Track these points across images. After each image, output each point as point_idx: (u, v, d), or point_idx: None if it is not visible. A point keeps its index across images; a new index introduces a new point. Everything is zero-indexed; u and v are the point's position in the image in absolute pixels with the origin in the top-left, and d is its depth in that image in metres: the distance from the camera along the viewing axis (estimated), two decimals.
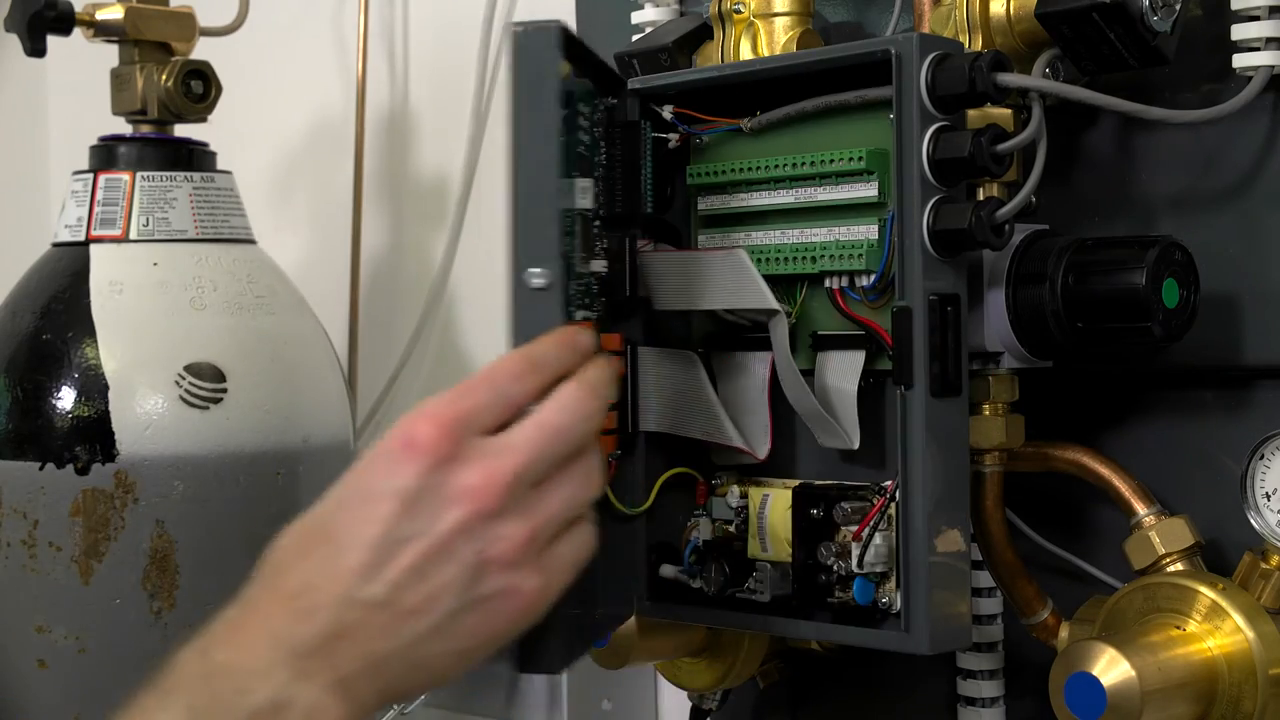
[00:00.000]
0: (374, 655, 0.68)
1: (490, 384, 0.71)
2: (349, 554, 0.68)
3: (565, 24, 0.77)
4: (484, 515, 0.68)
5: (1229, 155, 0.89)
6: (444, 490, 0.68)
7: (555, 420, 0.71)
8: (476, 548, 0.68)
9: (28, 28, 1.22)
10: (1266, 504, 0.84)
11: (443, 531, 0.68)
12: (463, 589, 0.68)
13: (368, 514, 0.68)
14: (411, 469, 0.68)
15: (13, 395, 1.14)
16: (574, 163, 0.83)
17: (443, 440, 0.68)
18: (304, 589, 0.68)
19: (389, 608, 0.68)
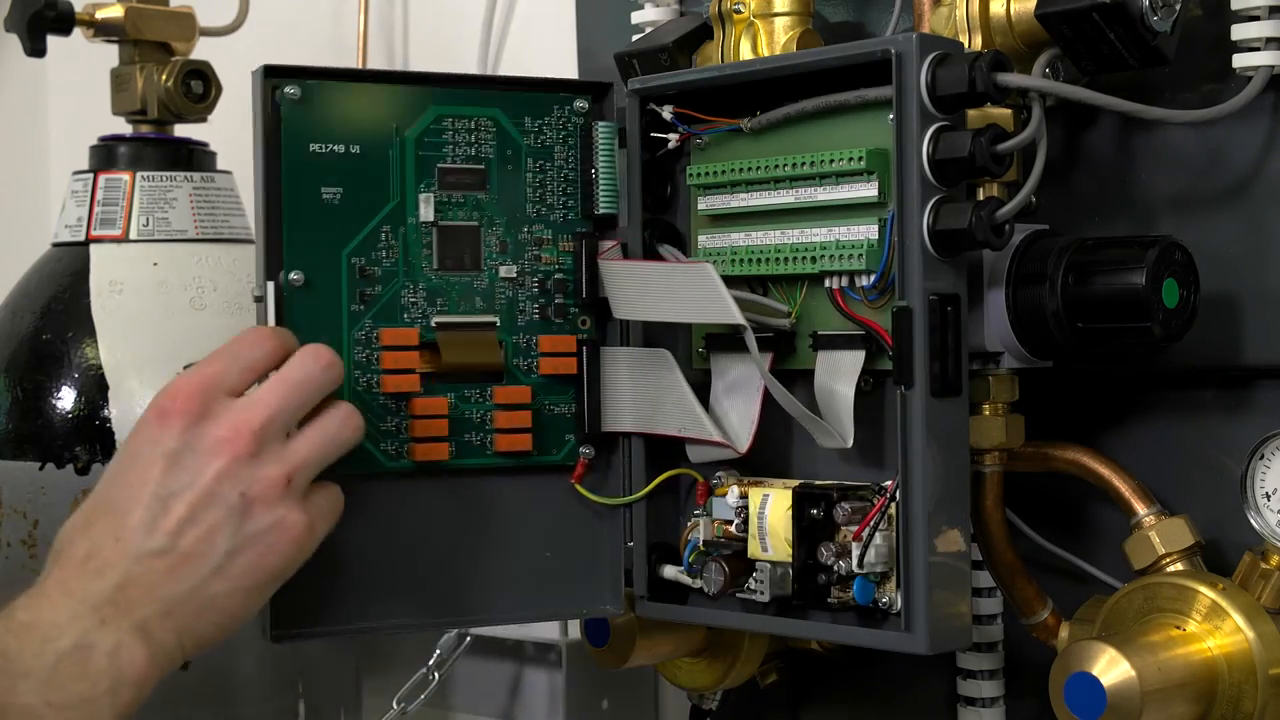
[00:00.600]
0: (166, 599, 0.76)
1: (230, 352, 0.81)
2: (128, 515, 0.77)
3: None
4: (240, 460, 0.78)
5: (1229, 155, 0.89)
6: (201, 444, 0.78)
7: (295, 375, 0.81)
8: (240, 489, 0.78)
9: (28, 28, 1.22)
10: (1266, 504, 0.84)
11: (207, 480, 0.78)
12: (234, 529, 0.78)
13: (138, 477, 0.78)
14: (169, 432, 0.78)
15: (13, 395, 1.14)
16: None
17: (192, 402, 0.79)
18: (92, 552, 0.76)
19: (170, 554, 0.77)
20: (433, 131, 0.93)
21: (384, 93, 0.93)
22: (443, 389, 0.92)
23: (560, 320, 0.94)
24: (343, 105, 0.92)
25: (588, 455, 0.94)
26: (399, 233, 0.92)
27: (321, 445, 0.82)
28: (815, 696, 1.09)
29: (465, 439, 0.93)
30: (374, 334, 0.91)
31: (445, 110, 0.93)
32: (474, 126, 0.94)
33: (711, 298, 0.86)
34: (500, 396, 0.93)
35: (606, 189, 0.94)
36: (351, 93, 0.92)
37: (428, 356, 0.92)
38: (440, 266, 0.93)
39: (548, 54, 1.33)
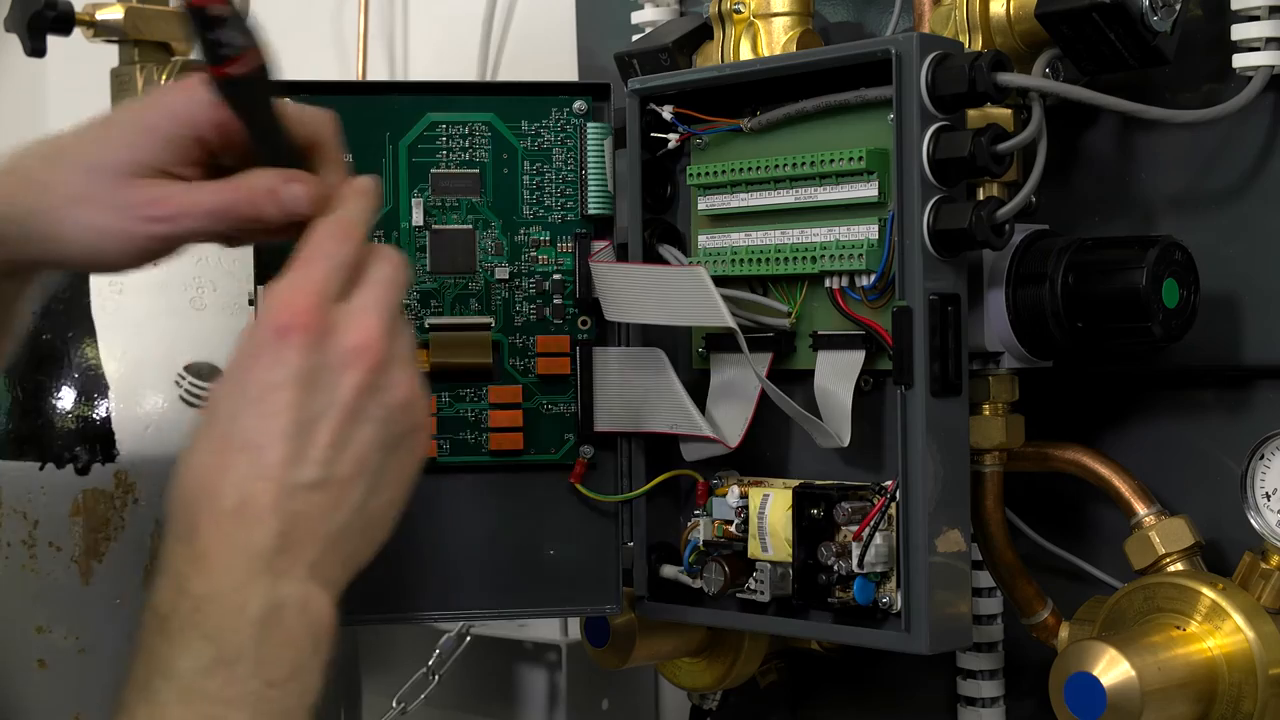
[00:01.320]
0: (331, 533, 0.70)
1: (323, 253, 0.73)
2: (270, 450, 0.69)
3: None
4: (376, 368, 0.71)
5: (1229, 155, 0.89)
6: (333, 359, 0.70)
7: (387, 274, 0.74)
8: (380, 399, 0.71)
9: (28, 28, 1.22)
10: (1266, 504, 0.84)
11: (348, 396, 0.70)
12: (382, 442, 0.71)
13: (271, 406, 0.69)
14: (294, 352, 0.70)
15: (13, 395, 1.14)
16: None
17: (314, 314, 0.71)
18: (243, 500, 0.69)
19: (327, 485, 0.70)
20: (426, 138, 0.94)
21: (376, 103, 0.93)
22: (435, 388, 0.93)
23: (559, 321, 0.95)
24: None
25: (587, 455, 0.94)
26: (392, 238, 0.93)
27: (410, 341, 0.76)
28: (815, 696, 1.09)
29: (460, 437, 0.94)
30: None
31: (439, 117, 0.94)
32: (468, 132, 0.94)
33: (703, 300, 0.86)
34: (494, 396, 0.94)
35: (598, 190, 0.95)
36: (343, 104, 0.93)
37: (421, 357, 0.92)
38: (434, 269, 0.93)
39: (548, 54, 1.33)
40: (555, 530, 0.95)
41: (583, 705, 1.24)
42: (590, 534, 0.95)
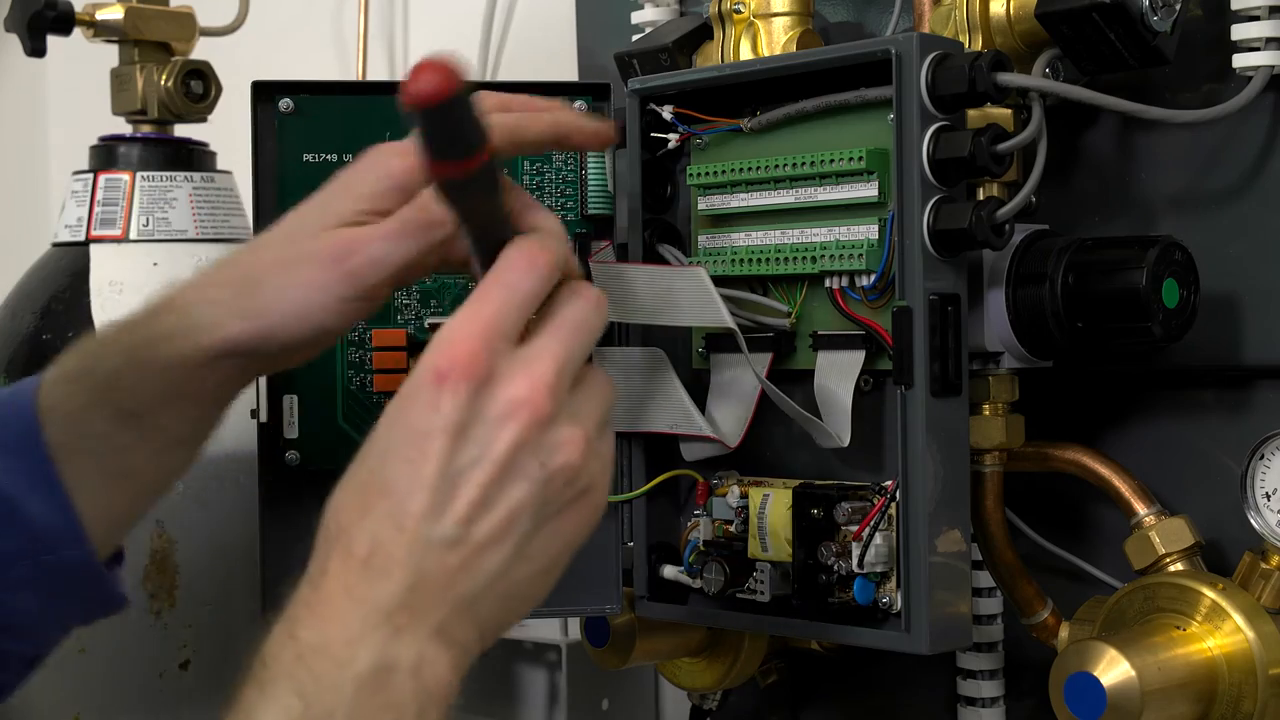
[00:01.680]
0: (462, 596, 0.65)
1: (503, 284, 0.67)
2: (410, 500, 0.64)
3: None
4: (539, 424, 0.65)
5: (1229, 155, 0.89)
6: (492, 409, 0.65)
7: (574, 315, 0.68)
8: (540, 460, 0.65)
9: (28, 28, 1.22)
10: (1266, 504, 0.84)
11: (501, 452, 0.65)
12: (535, 508, 0.66)
13: (419, 454, 0.64)
14: (451, 398, 0.64)
15: None
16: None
17: (476, 359, 0.65)
18: (375, 548, 0.64)
19: (464, 545, 0.65)
20: None
21: (377, 103, 0.93)
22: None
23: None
24: (335, 117, 0.93)
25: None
26: None
27: (603, 397, 0.69)
28: (815, 696, 1.09)
29: None
30: (366, 335, 0.92)
31: None
32: None
33: (703, 301, 0.86)
34: None
35: (597, 189, 0.95)
36: (344, 104, 0.93)
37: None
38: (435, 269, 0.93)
39: (548, 54, 1.33)
40: None
41: (583, 705, 1.24)
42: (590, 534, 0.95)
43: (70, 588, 0.78)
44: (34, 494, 0.76)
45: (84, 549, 0.77)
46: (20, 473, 0.76)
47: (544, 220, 0.71)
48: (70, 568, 0.78)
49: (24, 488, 0.76)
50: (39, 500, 0.76)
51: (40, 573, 0.77)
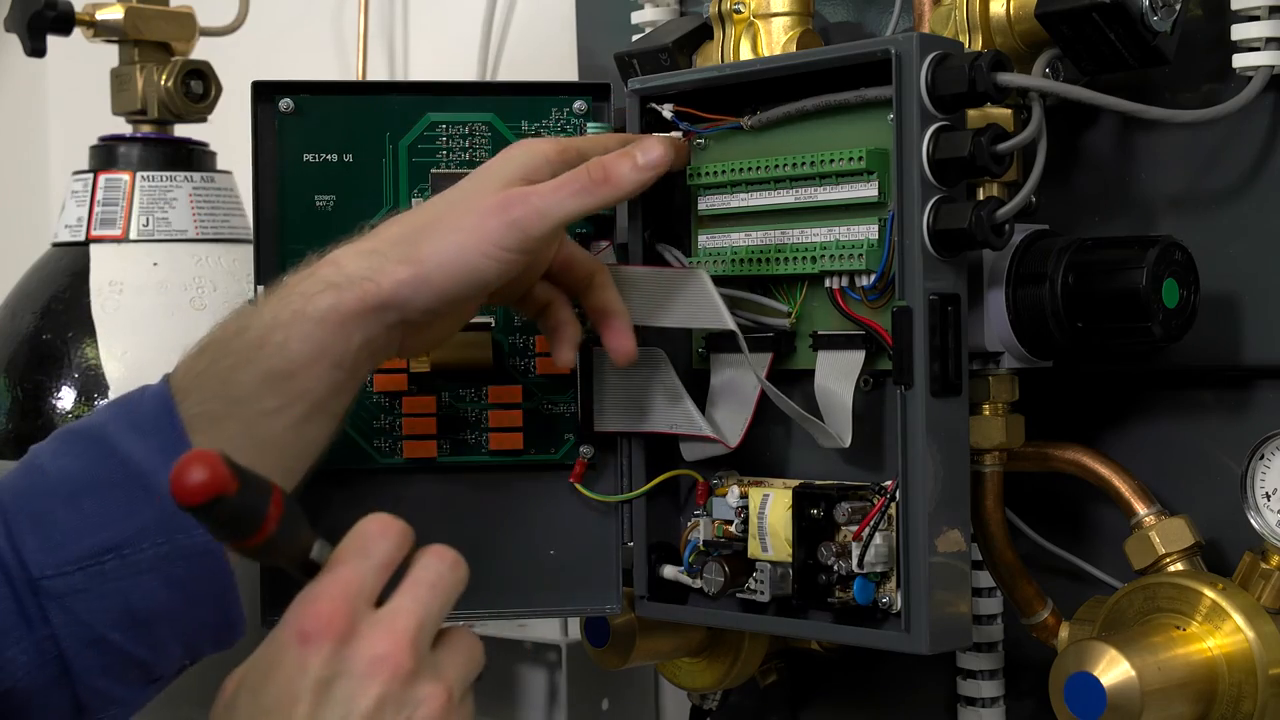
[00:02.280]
0: None
1: (357, 550, 0.69)
2: None
3: None
4: (401, 679, 0.66)
5: (1229, 155, 0.89)
6: (354, 667, 0.66)
7: (428, 577, 0.70)
8: (405, 715, 0.66)
9: (28, 28, 1.22)
10: (1266, 504, 0.84)
11: (366, 708, 0.65)
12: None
13: (284, 715, 0.65)
14: (316, 657, 0.66)
15: (13, 395, 1.14)
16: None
17: (336, 618, 0.66)
18: None
19: None
20: (426, 138, 0.94)
21: (377, 103, 0.94)
22: (435, 388, 0.93)
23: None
24: (335, 116, 0.93)
25: (587, 455, 0.94)
26: None
27: (467, 660, 0.71)
28: (815, 696, 1.09)
29: (460, 437, 0.94)
30: None
31: (439, 116, 0.94)
32: (468, 132, 0.94)
33: (704, 303, 0.86)
34: (494, 396, 0.94)
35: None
36: (344, 104, 0.93)
37: (421, 357, 0.93)
38: None
39: (548, 54, 1.33)
40: (555, 530, 0.95)
41: (583, 705, 1.24)
42: (590, 534, 0.95)
43: (194, 579, 0.78)
44: (169, 467, 0.75)
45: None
46: (154, 449, 0.78)
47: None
48: (200, 554, 0.78)
49: (158, 464, 0.77)
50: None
51: (170, 554, 0.77)
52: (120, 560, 0.77)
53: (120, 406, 0.81)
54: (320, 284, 0.79)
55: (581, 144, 0.86)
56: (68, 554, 0.77)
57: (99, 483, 0.78)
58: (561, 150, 0.84)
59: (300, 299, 0.79)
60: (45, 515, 0.77)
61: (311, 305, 0.79)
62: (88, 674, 0.78)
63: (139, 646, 0.79)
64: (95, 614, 0.77)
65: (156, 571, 0.78)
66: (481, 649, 0.72)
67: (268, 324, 0.79)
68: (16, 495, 0.78)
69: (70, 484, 0.78)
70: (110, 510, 0.77)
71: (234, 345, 0.80)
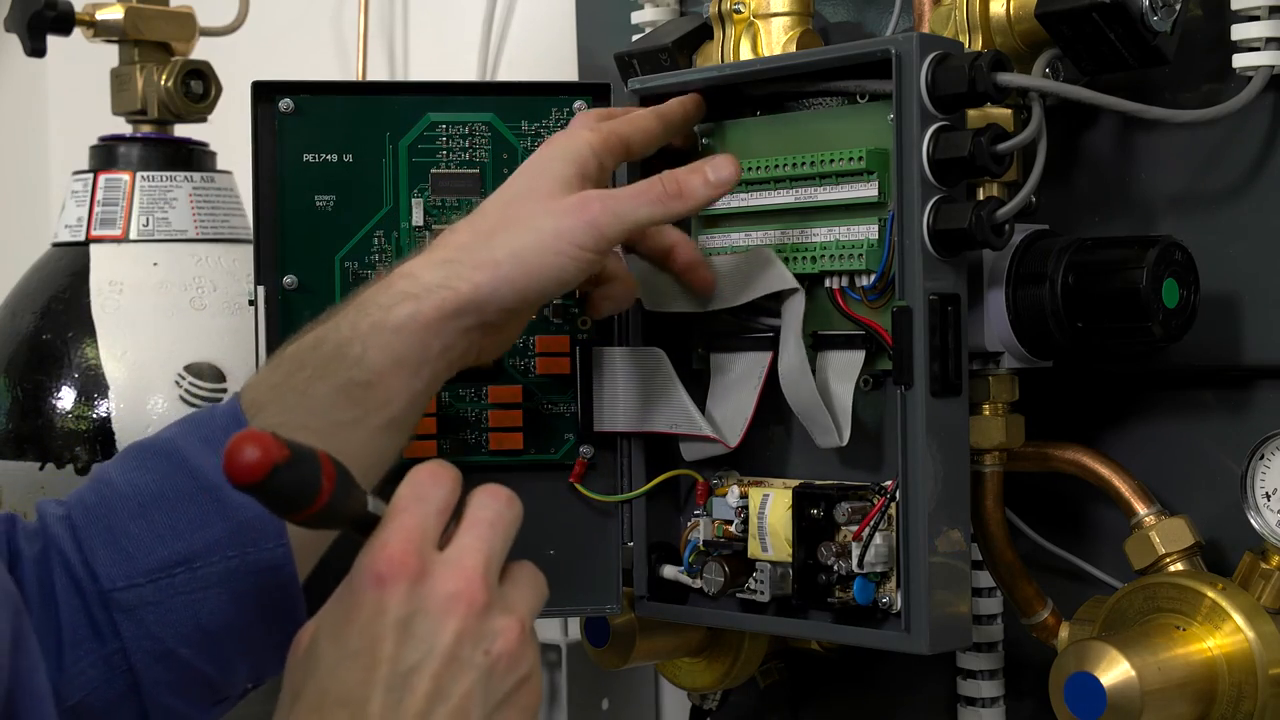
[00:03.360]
0: None
1: (415, 497, 0.71)
2: (369, 704, 0.66)
3: None
4: (477, 613, 0.68)
5: (1229, 155, 0.89)
6: (431, 604, 0.68)
7: (487, 515, 0.72)
8: (483, 648, 0.68)
9: (28, 28, 1.22)
10: (1266, 504, 0.84)
11: (446, 644, 0.68)
12: (483, 694, 0.68)
13: (370, 659, 0.67)
14: (393, 598, 0.68)
15: (13, 395, 1.14)
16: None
17: (408, 559, 0.68)
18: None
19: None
20: (426, 138, 0.94)
21: (377, 103, 0.94)
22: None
23: (559, 320, 0.95)
24: (335, 116, 0.93)
25: (587, 455, 0.94)
26: (392, 237, 0.93)
27: (532, 590, 0.73)
28: (815, 696, 1.09)
29: (460, 437, 0.94)
30: None
31: (439, 117, 0.94)
32: (468, 132, 0.94)
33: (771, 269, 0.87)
34: (494, 396, 0.94)
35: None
36: (344, 104, 0.93)
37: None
38: None
39: (548, 54, 1.33)
40: (555, 530, 0.94)
41: (583, 705, 1.24)
42: (590, 534, 0.95)
43: (263, 595, 0.79)
44: None
45: (285, 548, 0.78)
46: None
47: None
48: (269, 568, 0.78)
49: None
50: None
51: (240, 569, 0.78)
52: (190, 573, 0.77)
53: (190, 422, 0.81)
54: (398, 296, 0.80)
55: (621, 129, 0.86)
56: (138, 566, 0.77)
57: (170, 495, 0.78)
58: (605, 139, 0.85)
59: (378, 310, 0.80)
60: (116, 527, 0.78)
61: (390, 316, 0.79)
62: (156, 689, 0.78)
63: (207, 662, 0.79)
64: (164, 627, 0.77)
65: (225, 585, 0.78)
66: (544, 580, 0.73)
67: (345, 336, 0.80)
68: (87, 510, 0.79)
69: (140, 496, 0.78)
70: (181, 523, 0.78)
71: (310, 358, 0.80)
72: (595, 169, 0.84)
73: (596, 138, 0.84)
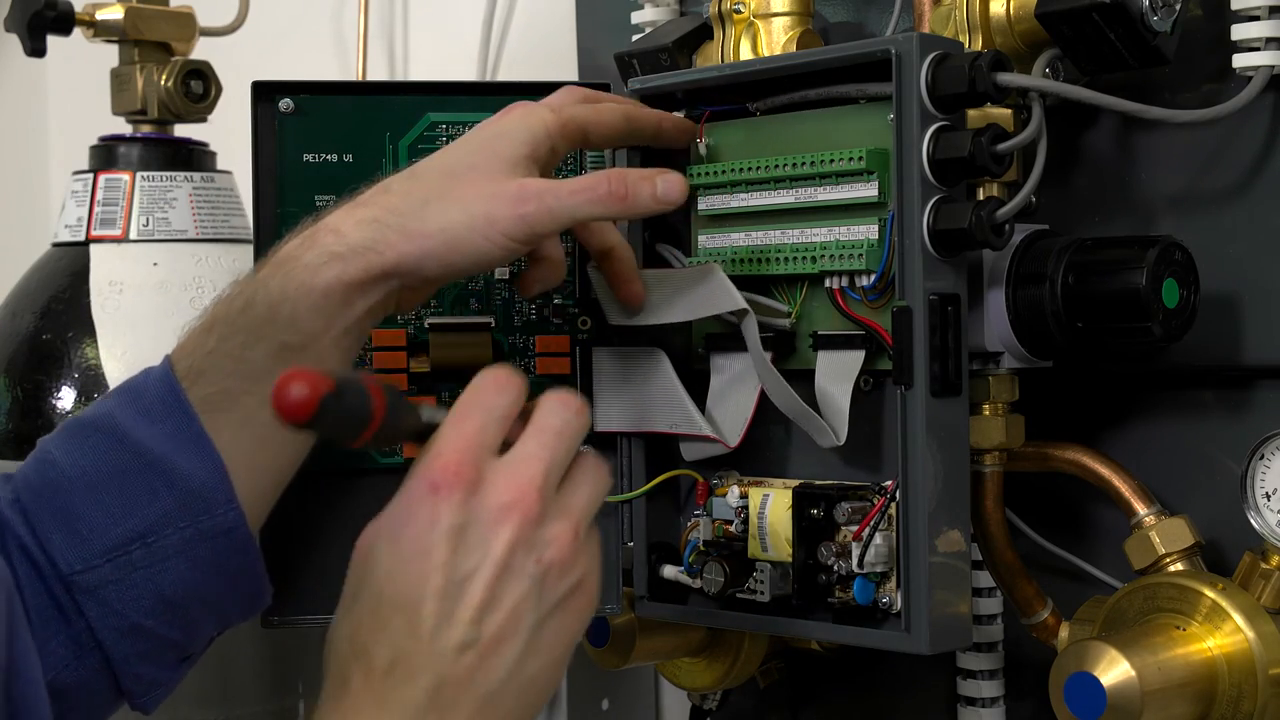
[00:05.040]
0: (483, 692, 0.69)
1: (478, 404, 0.72)
2: (423, 610, 0.68)
3: None
4: (531, 523, 0.70)
5: (1229, 155, 0.89)
6: (484, 515, 0.70)
7: (553, 423, 0.73)
8: (535, 556, 0.70)
9: (28, 28, 1.22)
10: (1266, 504, 0.84)
11: (500, 552, 0.69)
12: (536, 600, 0.70)
13: (424, 566, 0.69)
14: (447, 506, 0.69)
15: (13, 395, 1.14)
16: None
17: (465, 469, 0.70)
18: (395, 659, 0.68)
19: (477, 645, 0.69)
20: (426, 138, 0.94)
21: (377, 103, 0.94)
22: (435, 388, 0.93)
23: (558, 320, 0.95)
24: (335, 116, 0.93)
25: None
26: None
27: (591, 496, 0.74)
28: (815, 696, 1.09)
29: None
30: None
31: (439, 117, 0.94)
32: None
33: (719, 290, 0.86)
34: None
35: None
36: (344, 104, 0.93)
37: (421, 357, 0.93)
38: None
39: (548, 54, 1.33)
40: None
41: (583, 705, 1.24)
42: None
43: (221, 559, 0.80)
44: (185, 451, 0.79)
45: (237, 511, 0.80)
46: (168, 435, 0.80)
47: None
48: (223, 533, 0.80)
49: (173, 448, 0.79)
50: (191, 457, 0.79)
51: (195, 537, 0.80)
52: (146, 549, 0.79)
53: (127, 394, 0.82)
54: (323, 255, 0.80)
55: (583, 118, 0.86)
56: (94, 548, 0.78)
57: (116, 474, 0.79)
58: (564, 125, 0.84)
59: (305, 271, 0.80)
60: (67, 510, 0.79)
61: (318, 278, 0.80)
62: (126, 661, 0.80)
63: (173, 629, 0.81)
64: (127, 603, 0.79)
65: (182, 555, 0.79)
66: (607, 470, 0.75)
67: (275, 298, 0.80)
68: (35, 492, 0.80)
69: (87, 477, 0.79)
70: (130, 500, 0.79)
71: (242, 322, 0.81)
72: (547, 152, 0.83)
73: (556, 122, 0.84)
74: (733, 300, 0.86)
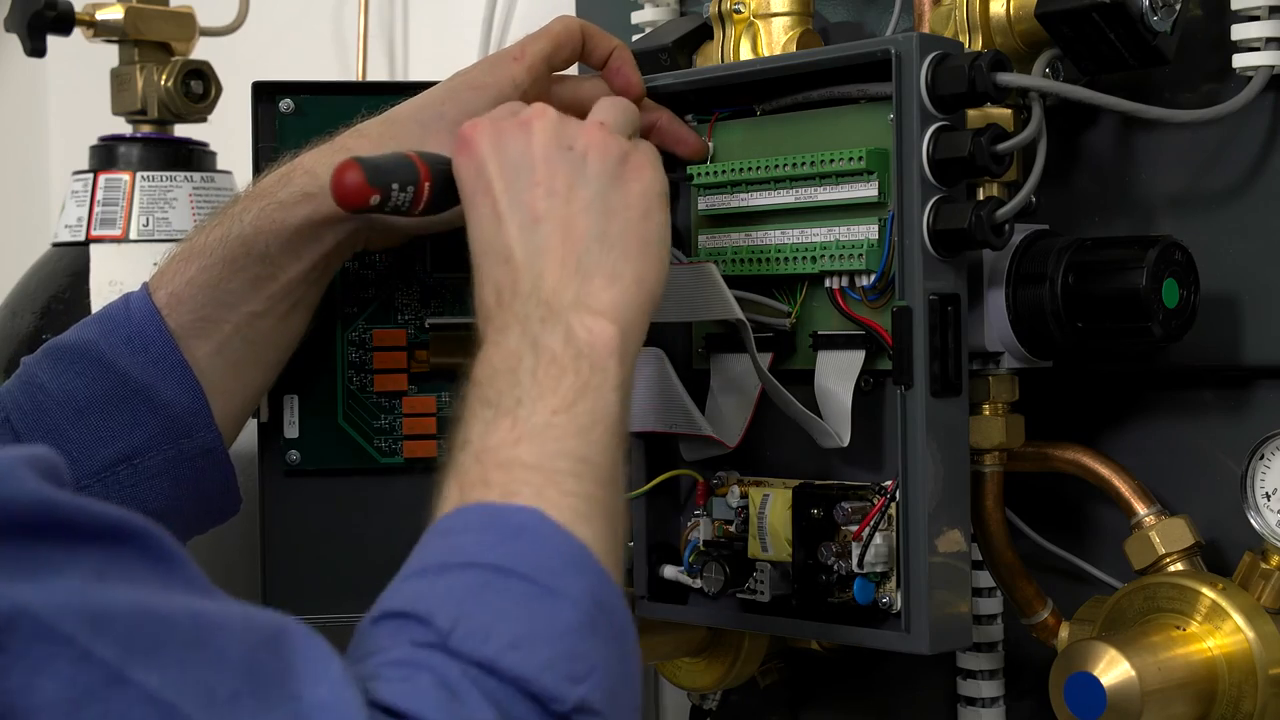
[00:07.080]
0: (576, 263, 0.74)
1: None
2: (499, 229, 0.75)
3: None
4: (552, 121, 0.78)
5: (1229, 155, 0.89)
6: (509, 126, 0.78)
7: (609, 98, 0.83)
8: (566, 145, 0.77)
9: (28, 28, 1.22)
10: (1266, 504, 0.84)
11: (536, 153, 0.76)
12: (585, 176, 0.76)
13: (487, 198, 0.76)
14: (480, 143, 0.77)
15: None
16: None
17: (484, 118, 0.79)
18: (499, 280, 0.74)
19: (549, 220, 0.75)
20: None
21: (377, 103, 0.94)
22: (435, 388, 0.93)
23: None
24: (336, 116, 0.93)
25: None
26: None
27: (615, 104, 0.82)
28: (815, 696, 1.09)
29: None
30: (367, 335, 0.92)
31: None
32: None
33: (714, 295, 0.86)
34: None
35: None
36: (344, 104, 0.93)
37: (422, 356, 0.93)
38: (435, 268, 0.93)
39: None
40: None
41: None
42: None
43: (200, 476, 0.87)
44: (167, 380, 0.85)
45: (215, 433, 0.87)
46: (150, 362, 0.85)
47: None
48: (203, 453, 0.87)
49: (155, 375, 0.85)
50: (173, 384, 0.86)
51: (177, 459, 0.86)
52: (132, 469, 0.85)
53: (109, 322, 0.87)
54: (296, 194, 0.85)
55: (545, 54, 0.89)
56: (83, 469, 0.84)
57: (102, 400, 0.85)
58: (530, 71, 0.88)
59: (279, 208, 0.85)
60: (56, 432, 0.84)
61: (291, 215, 0.85)
62: None
63: None
64: None
65: (166, 475, 0.86)
66: (634, 108, 0.83)
67: (250, 232, 0.85)
68: (24, 414, 0.85)
69: (75, 402, 0.85)
70: (116, 425, 0.85)
71: (220, 253, 0.86)
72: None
73: (528, 79, 0.87)
74: (730, 311, 0.86)
